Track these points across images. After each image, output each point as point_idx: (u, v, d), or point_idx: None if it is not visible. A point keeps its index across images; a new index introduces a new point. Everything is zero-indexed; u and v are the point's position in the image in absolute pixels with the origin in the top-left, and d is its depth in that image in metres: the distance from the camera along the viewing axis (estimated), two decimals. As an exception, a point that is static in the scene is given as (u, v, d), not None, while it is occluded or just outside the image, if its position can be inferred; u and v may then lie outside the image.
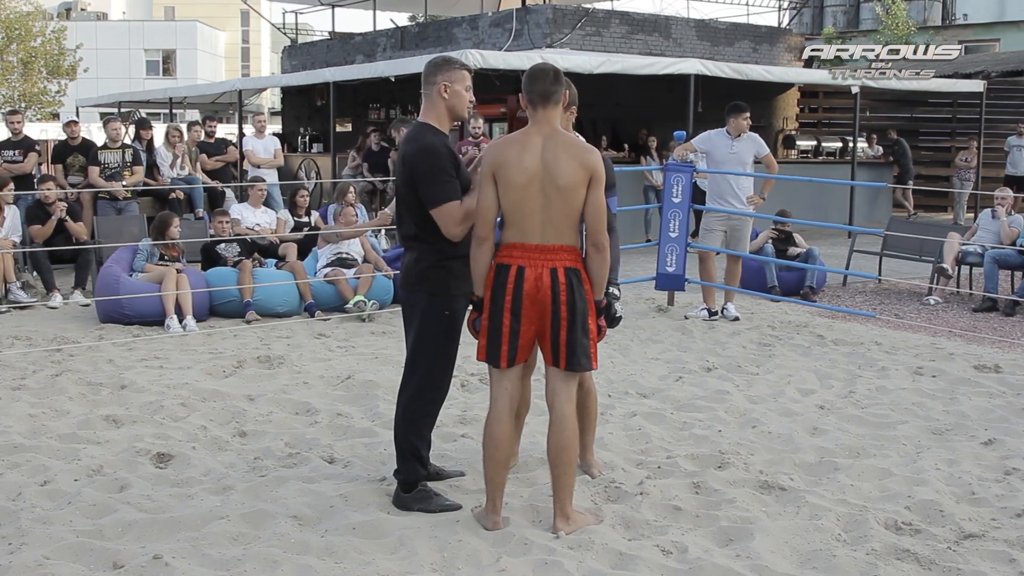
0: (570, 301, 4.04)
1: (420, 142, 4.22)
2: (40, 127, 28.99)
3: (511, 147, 4.09)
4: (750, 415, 5.91)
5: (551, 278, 4.04)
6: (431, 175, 4.14)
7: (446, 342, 4.32)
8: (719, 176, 9.03)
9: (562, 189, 4.02)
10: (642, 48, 19.15)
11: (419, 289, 4.29)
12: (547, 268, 4.04)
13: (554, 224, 4.05)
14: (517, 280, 4.05)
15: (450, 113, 4.31)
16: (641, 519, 4.27)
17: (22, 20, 34.27)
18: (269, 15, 31.78)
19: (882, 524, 4.26)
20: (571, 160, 4.03)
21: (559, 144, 4.07)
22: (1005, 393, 6.54)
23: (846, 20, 32.60)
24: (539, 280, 4.04)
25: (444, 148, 4.18)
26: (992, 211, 10.62)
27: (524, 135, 4.12)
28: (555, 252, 4.05)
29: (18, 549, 3.88)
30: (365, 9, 24.60)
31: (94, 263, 10.05)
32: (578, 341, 4.07)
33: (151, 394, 6.24)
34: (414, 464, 4.38)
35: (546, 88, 4.11)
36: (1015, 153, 17.51)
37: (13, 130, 11.77)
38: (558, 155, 4.04)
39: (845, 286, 11.35)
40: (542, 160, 4.04)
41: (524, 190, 4.03)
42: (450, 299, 4.27)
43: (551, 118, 4.12)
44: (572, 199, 4.03)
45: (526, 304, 4.05)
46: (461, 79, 4.28)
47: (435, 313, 4.27)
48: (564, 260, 4.06)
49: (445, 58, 4.38)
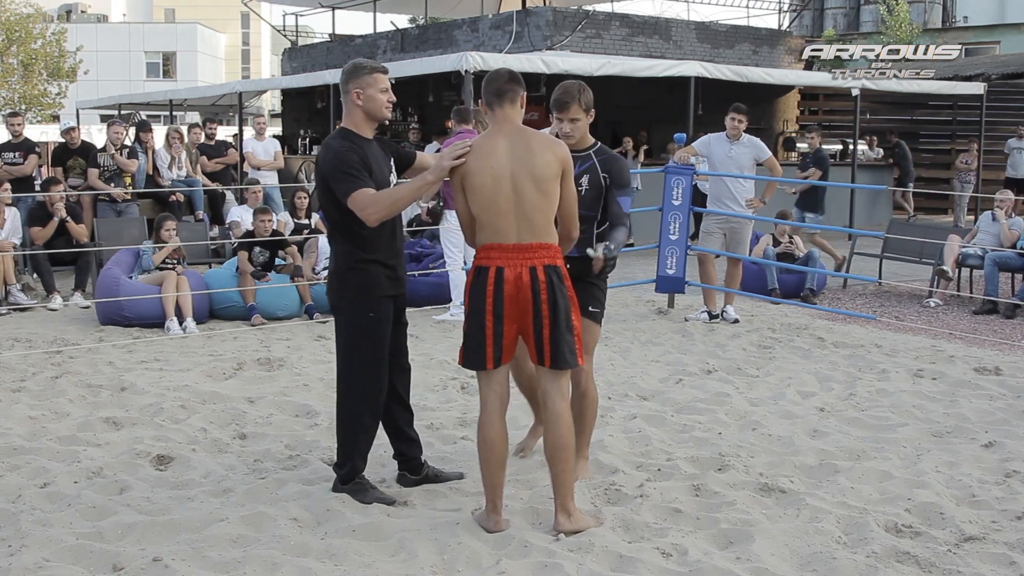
0: (551, 299, 4.06)
1: (328, 146, 4.41)
2: (40, 129, 28.97)
3: (472, 153, 4.12)
4: (750, 417, 5.91)
5: (531, 277, 4.05)
6: (338, 172, 4.25)
7: (375, 343, 4.41)
8: (718, 179, 9.04)
9: (539, 180, 4.04)
10: (642, 50, 19.15)
11: (341, 292, 4.42)
12: (526, 267, 4.05)
13: (529, 221, 4.06)
14: (497, 281, 4.05)
15: (367, 117, 4.41)
16: (641, 521, 4.27)
17: (22, 22, 34.33)
18: (269, 17, 31.75)
19: (882, 527, 4.26)
20: (545, 152, 4.06)
21: (529, 138, 4.10)
22: (1005, 396, 6.54)
23: (846, 22, 32.60)
24: (519, 280, 4.04)
25: (350, 150, 4.28)
26: (992, 213, 10.62)
27: (485, 138, 4.16)
28: (533, 250, 4.06)
29: (18, 551, 3.88)
30: (365, 11, 24.60)
31: (94, 265, 10.05)
32: (562, 338, 4.08)
33: (151, 396, 6.24)
34: (355, 460, 4.49)
35: (500, 87, 4.14)
36: (1015, 155, 17.52)
37: (13, 132, 11.77)
38: (531, 148, 4.06)
39: (845, 288, 11.35)
40: (511, 158, 4.06)
41: (493, 191, 4.05)
42: (373, 301, 4.38)
43: (510, 116, 4.15)
44: (549, 191, 4.06)
45: (507, 305, 4.05)
46: (373, 83, 4.36)
47: (360, 315, 4.38)
48: (543, 258, 4.07)
49: (355, 64, 4.45)
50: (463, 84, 13.14)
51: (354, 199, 4.20)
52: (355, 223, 4.28)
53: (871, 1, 30.76)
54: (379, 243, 4.37)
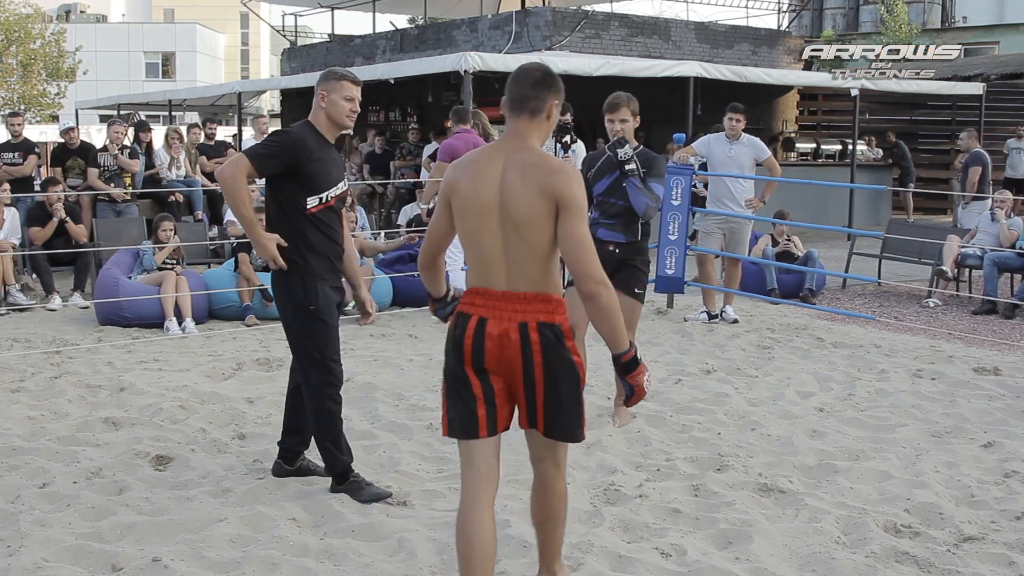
0: (547, 364, 3.20)
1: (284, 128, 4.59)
2: (40, 129, 28.97)
3: (467, 167, 3.31)
4: (749, 418, 5.91)
5: (520, 336, 3.19)
6: (260, 144, 4.49)
7: (320, 333, 4.47)
8: (717, 179, 9.05)
9: (519, 225, 3.17)
10: (641, 51, 19.15)
11: (280, 284, 4.53)
12: (515, 323, 3.20)
13: (520, 267, 3.20)
14: (477, 334, 3.22)
15: (329, 120, 4.52)
16: (640, 522, 4.27)
17: (22, 22, 34.32)
18: (268, 17, 31.75)
19: (881, 527, 4.26)
20: (528, 187, 3.17)
21: (519, 166, 3.20)
22: (1004, 396, 6.54)
23: (845, 23, 32.59)
24: (504, 337, 3.20)
25: (291, 135, 4.44)
26: (992, 213, 10.63)
27: (486, 153, 3.31)
28: (526, 302, 3.20)
29: (17, 551, 3.88)
30: (364, 11, 24.61)
31: (93, 265, 10.04)
32: (561, 408, 3.26)
33: (150, 396, 6.23)
34: (337, 456, 4.53)
35: (523, 93, 3.28)
36: (1014, 156, 17.52)
37: (13, 132, 11.77)
38: (515, 181, 3.19)
39: (844, 288, 11.35)
40: (500, 187, 3.21)
41: (480, 223, 3.23)
42: (312, 293, 4.46)
43: (523, 131, 3.28)
44: (533, 237, 3.18)
45: (489, 360, 3.22)
46: (338, 89, 4.48)
47: (300, 307, 4.47)
48: (537, 313, 3.20)
49: (329, 70, 4.63)
50: (462, 84, 13.15)
51: (237, 158, 4.39)
52: (296, 213, 4.42)
53: (870, 1, 30.78)
54: (320, 236, 4.48)
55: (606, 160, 5.80)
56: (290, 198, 4.44)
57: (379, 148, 15.96)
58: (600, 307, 3.13)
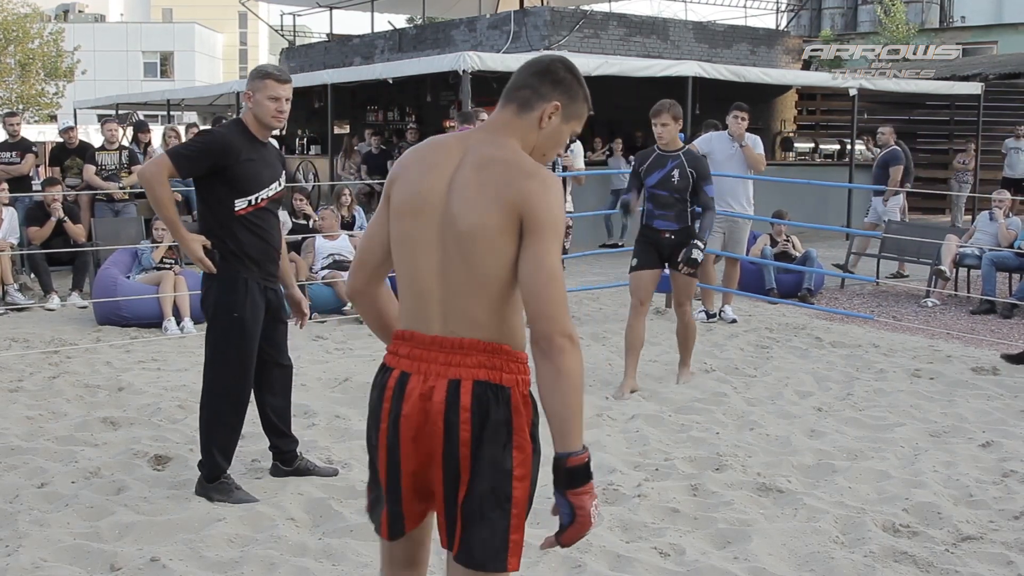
0: (476, 443, 2.28)
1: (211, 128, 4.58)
2: (38, 129, 28.96)
3: (415, 155, 2.46)
4: (748, 417, 5.91)
5: (446, 399, 2.30)
6: (182, 145, 4.50)
7: (237, 341, 4.38)
8: (718, 178, 9.03)
9: (461, 239, 2.30)
10: (640, 50, 19.16)
11: (207, 284, 4.44)
12: (443, 380, 2.31)
13: (460, 301, 2.32)
14: (396, 395, 2.37)
15: (256, 119, 4.45)
16: (639, 521, 4.27)
17: (20, 22, 34.27)
18: (267, 17, 31.75)
19: (880, 526, 4.26)
20: (482, 190, 2.30)
21: (476, 160, 2.35)
22: (1003, 395, 6.55)
23: (844, 22, 32.62)
24: (426, 400, 2.32)
25: (214, 135, 4.44)
26: (990, 213, 10.63)
27: (445, 141, 2.47)
28: (462, 352, 2.31)
29: (15, 551, 3.87)
30: (363, 11, 24.61)
31: (92, 265, 10.04)
32: (483, 517, 2.29)
33: (149, 396, 6.23)
34: (216, 459, 4.47)
35: (518, 80, 2.45)
36: (1013, 155, 17.53)
37: (11, 132, 11.76)
38: (466, 180, 2.33)
39: (843, 288, 11.36)
40: (449, 185, 2.35)
41: (414, 230, 2.37)
42: (239, 298, 4.36)
43: (501, 125, 2.42)
44: (478, 259, 2.29)
45: (404, 437, 2.35)
46: (263, 88, 4.41)
47: (225, 311, 4.38)
48: (475, 367, 2.31)
49: (256, 68, 4.56)
50: (461, 84, 13.15)
51: (159, 157, 4.37)
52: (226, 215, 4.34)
53: (869, 1, 30.79)
54: (251, 237, 4.38)
55: (657, 156, 6.41)
56: (219, 200, 4.33)
57: (376, 148, 15.96)
58: (560, 369, 2.20)
